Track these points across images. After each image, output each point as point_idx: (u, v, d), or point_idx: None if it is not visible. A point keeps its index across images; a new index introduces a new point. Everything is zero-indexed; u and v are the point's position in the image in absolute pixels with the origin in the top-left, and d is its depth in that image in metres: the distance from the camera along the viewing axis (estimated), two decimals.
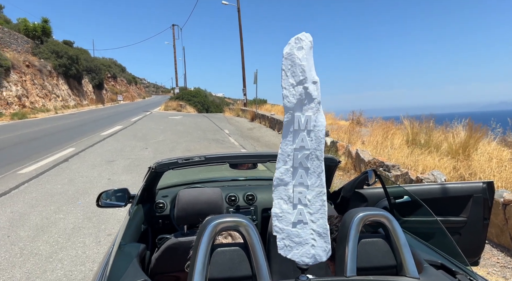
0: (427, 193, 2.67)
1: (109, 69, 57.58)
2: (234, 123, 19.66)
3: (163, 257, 1.72)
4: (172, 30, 45.43)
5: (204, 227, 1.14)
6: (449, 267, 1.33)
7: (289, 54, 0.88)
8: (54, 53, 32.89)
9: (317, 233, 0.91)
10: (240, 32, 26.41)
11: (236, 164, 2.52)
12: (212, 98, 41.86)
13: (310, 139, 0.90)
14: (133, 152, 9.90)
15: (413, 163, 6.04)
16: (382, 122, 10.92)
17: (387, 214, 1.24)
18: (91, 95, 42.21)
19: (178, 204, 1.84)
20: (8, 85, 24.39)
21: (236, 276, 1.11)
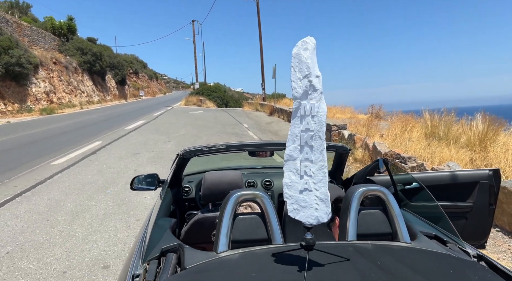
0: (436, 179, 2.82)
1: (131, 65, 58.86)
2: (253, 118, 19.92)
3: (191, 229, 1.97)
4: (192, 26, 45.95)
5: (228, 198, 1.38)
6: (441, 237, 1.52)
7: (297, 54, 1.10)
8: (79, 50, 33.98)
9: (319, 198, 1.13)
10: (259, 27, 26.53)
11: (255, 152, 2.74)
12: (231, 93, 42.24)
13: (314, 122, 1.11)
14: (156, 145, 10.31)
15: (430, 155, 6.11)
16: (402, 116, 10.91)
17: (384, 189, 1.44)
18: (114, 91, 43.38)
19: (204, 184, 2.09)
20: (37, 82, 25.46)
21: (254, 239, 1.34)
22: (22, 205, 5.19)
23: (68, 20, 34.55)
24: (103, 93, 39.16)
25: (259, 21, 26.49)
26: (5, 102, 21.68)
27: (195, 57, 45.71)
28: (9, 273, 3.26)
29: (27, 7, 35.00)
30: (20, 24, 27.44)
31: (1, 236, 4.06)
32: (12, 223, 4.47)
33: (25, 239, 3.99)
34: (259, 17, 26.46)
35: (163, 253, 1.45)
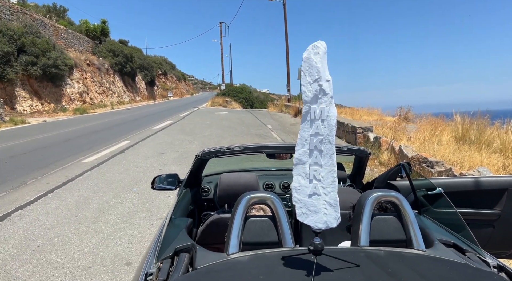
0: (460, 185, 2.72)
1: (160, 66, 60.30)
2: (277, 119, 19.89)
3: (207, 230, 2.01)
4: (219, 27, 46.52)
5: (240, 200, 1.39)
6: (460, 246, 1.46)
7: (307, 58, 1.09)
8: (111, 52, 35.20)
9: (328, 203, 1.12)
10: (286, 28, 26.48)
11: (274, 154, 2.75)
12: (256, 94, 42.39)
13: (324, 127, 1.10)
14: (182, 145, 10.50)
15: (459, 160, 5.88)
16: (431, 119, 10.57)
17: (398, 195, 1.40)
18: (143, 92, 44.60)
19: (220, 186, 2.12)
20: (72, 83, 26.59)
21: (265, 241, 1.35)
22: (53, 201, 5.43)
23: (102, 23, 35.90)
24: (133, 94, 40.33)
25: (286, 23, 26.44)
26: (42, 102, 22.78)
27: (222, 58, 46.24)
28: (38, 266, 3.42)
29: (64, 11, 36.64)
30: (57, 28, 28.75)
31: (33, 230, 4.27)
32: (44, 218, 4.70)
33: (54, 234, 4.18)
34: (285, 19, 26.42)
35: (177, 252, 1.48)
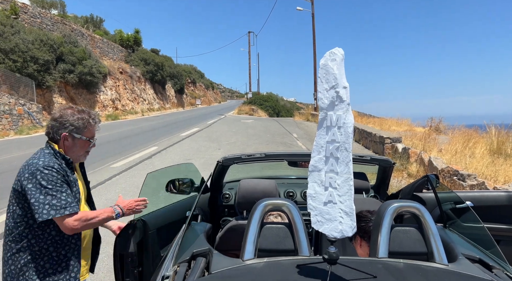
0: (492, 200, 2.60)
1: (189, 75, 61.71)
2: (303, 128, 19.77)
3: (225, 236, 2.02)
4: (248, 37, 47.13)
5: (256, 206, 1.40)
6: (486, 262, 1.39)
7: (324, 65, 1.09)
8: (143, 61, 36.41)
9: (344, 212, 1.10)
10: (314, 37, 26.45)
11: (296, 162, 2.73)
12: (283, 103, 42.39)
13: (340, 134, 1.09)
14: (207, 152, 10.64)
15: (493, 173, 5.61)
16: (464, 130, 10.20)
17: (419, 206, 1.36)
18: (173, 99, 45.71)
19: (239, 192, 2.14)
20: (105, 90, 27.68)
21: (281, 249, 1.34)
22: None
23: (135, 33, 37.30)
24: (163, 101, 41.42)
25: (314, 31, 26.42)
26: None
27: (249, 67, 46.74)
28: None
29: (100, 21, 38.39)
30: (93, 37, 30.14)
31: None
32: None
33: None
34: (313, 28, 26.41)
35: (194, 256, 1.50)
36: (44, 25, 23.36)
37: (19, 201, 1.61)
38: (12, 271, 1.61)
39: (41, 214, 1.55)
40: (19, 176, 1.62)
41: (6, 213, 1.68)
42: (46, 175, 1.58)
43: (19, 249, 1.62)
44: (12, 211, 1.64)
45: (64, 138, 1.70)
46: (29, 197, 1.56)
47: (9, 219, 1.64)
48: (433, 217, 1.40)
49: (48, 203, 1.56)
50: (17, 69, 18.15)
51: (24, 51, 18.55)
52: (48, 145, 1.71)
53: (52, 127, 1.70)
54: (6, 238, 1.64)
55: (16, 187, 1.62)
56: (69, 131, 1.70)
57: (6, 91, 16.85)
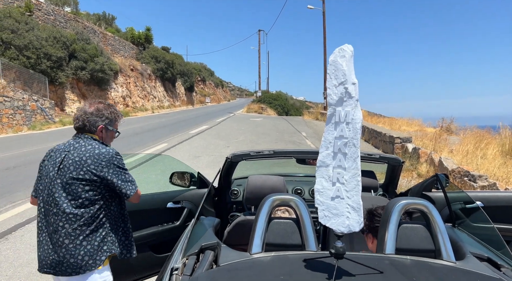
0: (504, 200, 2.57)
1: (199, 73, 61.91)
2: (312, 127, 19.71)
3: (233, 231, 2.04)
4: (258, 35, 47.09)
5: (264, 201, 1.41)
6: (495, 261, 1.38)
7: (333, 61, 1.10)
8: (154, 58, 36.66)
9: (351, 207, 1.11)
10: (324, 35, 26.32)
11: (304, 160, 2.74)
12: (292, 102, 42.26)
13: (348, 130, 1.10)
14: (216, 150, 10.69)
15: (505, 175, 5.53)
16: (476, 131, 10.05)
17: (427, 203, 1.36)
18: (182, 97, 45.96)
19: (247, 188, 2.16)
20: (116, 87, 27.97)
21: (288, 243, 1.35)
22: None
23: (146, 31, 37.55)
24: (173, 99, 41.67)
25: (324, 30, 26.28)
26: None
27: (259, 66, 46.70)
28: None
29: (112, 19, 38.76)
30: (105, 34, 30.46)
31: None
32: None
33: None
34: (324, 26, 26.27)
35: (202, 249, 1.52)
36: (57, 22, 23.70)
37: (91, 187, 1.74)
38: (89, 250, 1.74)
39: (131, 189, 1.81)
40: (87, 166, 1.73)
41: (56, 204, 1.74)
42: (119, 159, 1.82)
43: (92, 230, 1.75)
44: (76, 198, 1.73)
45: (100, 130, 1.86)
46: (114, 179, 1.76)
47: (70, 208, 1.72)
48: (442, 216, 1.40)
49: (130, 180, 1.82)
50: (30, 65, 18.46)
51: (38, 48, 18.85)
52: (89, 136, 1.84)
53: (88, 120, 1.83)
54: (73, 224, 1.72)
55: (85, 176, 1.73)
56: (105, 124, 1.87)
57: (20, 87, 17.16)
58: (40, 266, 1.81)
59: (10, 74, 17.25)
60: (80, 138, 1.82)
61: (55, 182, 1.75)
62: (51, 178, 1.77)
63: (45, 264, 1.77)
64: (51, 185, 1.76)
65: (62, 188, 1.73)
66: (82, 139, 1.82)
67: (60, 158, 1.78)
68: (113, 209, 1.84)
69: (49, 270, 1.77)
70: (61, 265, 1.73)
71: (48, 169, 1.80)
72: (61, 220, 1.72)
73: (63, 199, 1.72)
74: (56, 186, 1.74)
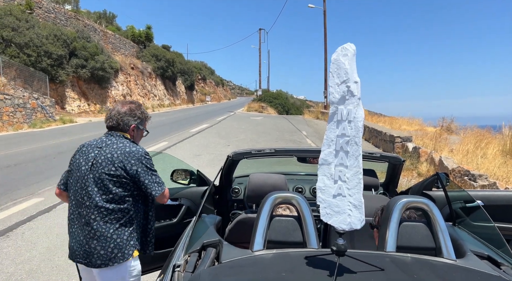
0: (504, 199, 2.58)
1: (200, 71, 61.82)
2: (313, 126, 19.71)
3: (234, 228, 2.05)
4: (258, 34, 47.06)
5: (266, 199, 1.42)
6: (494, 259, 1.39)
7: (336, 60, 1.11)
8: (154, 57, 36.63)
9: (353, 205, 1.12)
10: (325, 34, 26.31)
11: (305, 158, 2.75)
12: (292, 101, 42.22)
13: (350, 128, 1.11)
14: (217, 148, 10.70)
15: (506, 174, 5.54)
16: (476, 130, 10.06)
17: (428, 201, 1.37)
18: (183, 96, 45.94)
19: (248, 186, 2.16)
20: (116, 85, 27.96)
21: (290, 241, 1.36)
22: None
23: (147, 29, 37.51)
24: (173, 97, 41.66)
25: (325, 29, 26.27)
26: (88, 103, 24.13)
27: (259, 64, 46.69)
28: None
29: (113, 17, 38.71)
30: (106, 33, 30.43)
31: None
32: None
33: None
34: (325, 25, 26.25)
35: (204, 247, 1.53)
36: (58, 20, 23.68)
37: (121, 183, 1.80)
38: (118, 243, 1.81)
39: (157, 190, 1.85)
40: (118, 163, 1.80)
41: (89, 197, 1.80)
42: (148, 159, 1.88)
43: (122, 224, 1.82)
44: (107, 193, 1.79)
45: (132, 129, 1.94)
46: (141, 179, 1.82)
47: (101, 202, 1.79)
48: (443, 215, 1.41)
49: (157, 181, 1.87)
50: (31, 63, 18.46)
51: (38, 46, 18.84)
52: (121, 134, 1.91)
53: (122, 119, 1.91)
54: (105, 218, 1.79)
55: (116, 173, 1.79)
56: (136, 123, 1.95)
57: (21, 85, 17.16)
58: (73, 256, 1.88)
59: (11, 72, 17.26)
60: (112, 136, 1.89)
61: (88, 177, 1.80)
62: (83, 172, 1.82)
63: (78, 254, 1.84)
64: (83, 179, 1.82)
65: (94, 182, 1.79)
66: (115, 137, 1.89)
67: (93, 154, 1.84)
68: (140, 206, 1.90)
69: (81, 260, 1.83)
70: (91, 257, 1.80)
71: (79, 163, 1.85)
72: (93, 213, 1.79)
73: (95, 193, 1.78)
74: (89, 180, 1.80)
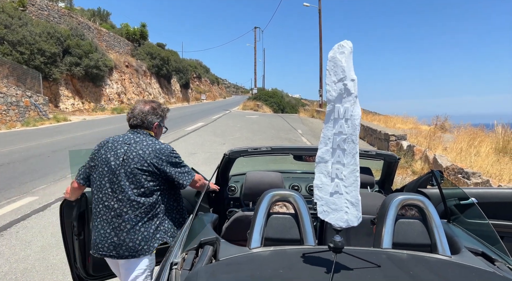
0: (497, 197, 2.61)
1: (195, 70, 61.57)
2: (308, 124, 19.75)
3: (231, 226, 2.05)
4: (254, 32, 46.98)
5: (263, 197, 1.43)
6: (489, 255, 1.41)
7: (333, 58, 1.11)
8: (149, 55, 36.43)
9: (350, 202, 1.12)
10: (320, 33, 26.33)
11: (301, 156, 2.76)
12: (288, 99, 42.25)
13: (347, 126, 1.11)
14: (212, 147, 10.69)
15: (499, 172, 5.59)
16: (470, 129, 10.14)
17: (424, 199, 1.38)
18: (178, 94, 45.77)
19: (245, 184, 2.17)
20: (111, 83, 27.79)
21: (287, 238, 1.37)
22: None
23: (141, 27, 37.29)
24: (168, 95, 41.49)
25: (320, 28, 26.29)
26: (82, 101, 23.96)
27: (255, 63, 46.63)
28: None
29: (107, 15, 38.43)
30: (100, 30, 30.20)
31: None
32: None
33: None
34: (320, 24, 26.27)
35: (201, 244, 1.53)
36: (51, 17, 23.45)
37: (151, 178, 1.91)
38: (145, 236, 1.89)
39: (187, 179, 1.99)
40: (150, 159, 1.90)
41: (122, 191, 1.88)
42: (176, 153, 2.01)
43: (149, 218, 1.91)
44: (139, 187, 1.89)
45: (155, 127, 2.06)
46: (172, 172, 1.94)
47: (133, 196, 1.88)
48: (437, 212, 1.42)
49: (185, 171, 2.00)
50: (24, 61, 18.27)
51: (32, 44, 18.65)
52: (146, 132, 2.03)
53: (146, 118, 2.03)
54: (135, 211, 1.88)
55: (147, 169, 1.90)
56: (159, 121, 2.08)
57: (14, 83, 16.99)
58: (95, 249, 1.93)
59: (4, 70, 17.08)
60: (138, 134, 2.00)
61: (119, 171, 1.88)
62: (113, 167, 1.89)
63: (101, 247, 1.89)
64: (113, 174, 1.89)
65: (126, 177, 1.88)
66: (141, 134, 2.00)
67: (123, 150, 1.92)
68: (167, 200, 2.00)
69: (105, 252, 1.89)
70: (119, 248, 1.86)
71: (107, 159, 1.92)
72: (125, 206, 1.86)
73: (127, 187, 1.87)
74: (121, 175, 1.88)
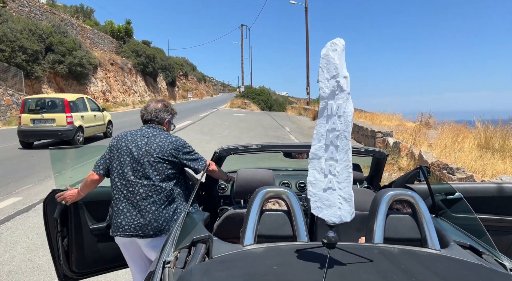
0: (481, 191, 2.67)
1: (181, 67, 61.03)
2: (296, 122, 19.85)
3: (223, 224, 2.05)
4: (240, 30, 46.84)
5: (256, 194, 1.43)
6: (476, 248, 1.45)
7: (325, 55, 1.12)
8: (134, 52, 35.94)
9: (343, 198, 1.14)
10: (307, 31, 26.44)
11: (291, 154, 2.77)
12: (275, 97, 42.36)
13: (340, 122, 1.13)
14: (200, 145, 10.62)
15: (482, 167, 5.74)
16: (453, 125, 10.35)
17: (414, 194, 1.41)
18: (164, 92, 45.32)
19: (236, 181, 2.17)
20: (95, 81, 27.32)
21: (280, 235, 1.38)
22: None
23: (126, 24, 36.73)
24: (154, 93, 41.05)
25: (307, 26, 26.39)
26: None
27: (242, 61, 46.52)
28: None
29: (91, 12, 37.71)
30: (84, 27, 29.63)
31: None
32: None
33: None
34: (307, 22, 26.38)
35: (194, 243, 1.53)
36: (32, 14, 22.88)
37: (171, 166, 2.14)
38: (167, 218, 2.11)
39: (200, 164, 2.21)
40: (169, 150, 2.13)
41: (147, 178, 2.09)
42: (188, 144, 2.23)
43: (170, 201, 2.13)
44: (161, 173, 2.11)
45: (166, 122, 2.29)
46: (187, 159, 2.17)
47: (157, 182, 2.10)
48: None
49: (198, 158, 2.23)
50: (5, 58, 17.79)
51: (12, 41, 18.17)
52: (161, 127, 2.25)
53: (159, 114, 2.25)
54: (159, 195, 2.10)
55: (167, 158, 2.12)
56: (169, 117, 2.30)
57: None
58: (121, 231, 2.10)
59: None
60: (154, 128, 2.22)
61: (143, 161, 2.10)
62: (137, 157, 2.10)
63: (128, 228, 2.08)
64: (137, 162, 2.10)
65: (149, 165, 2.09)
66: (156, 129, 2.22)
67: (143, 142, 2.14)
68: (182, 187, 2.22)
69: (132, 233, 2.08)
70: (145, 228, 2.07)
71: (129, 150, 2.13)
72: (150, 191, 2.09)
73: (151, 173, 2.09)
74: (145, 164, 2.10)
